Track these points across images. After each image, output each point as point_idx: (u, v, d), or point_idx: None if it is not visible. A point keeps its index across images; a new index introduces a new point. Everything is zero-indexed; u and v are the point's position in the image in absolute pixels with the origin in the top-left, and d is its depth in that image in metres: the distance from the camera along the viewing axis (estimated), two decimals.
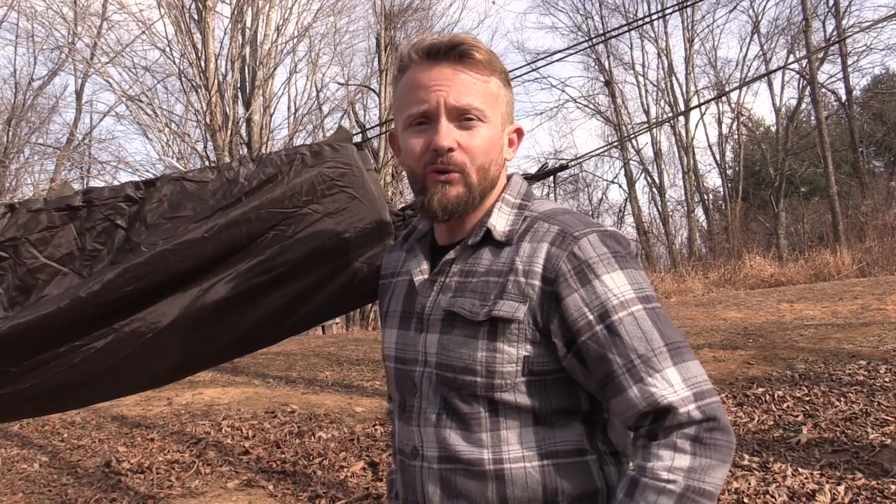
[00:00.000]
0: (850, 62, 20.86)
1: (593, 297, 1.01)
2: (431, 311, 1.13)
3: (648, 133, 24.94)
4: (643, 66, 25.73)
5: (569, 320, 1.02)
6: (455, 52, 1.08)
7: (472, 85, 1.08)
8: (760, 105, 56.40)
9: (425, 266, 1.18)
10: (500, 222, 1.12)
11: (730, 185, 25.62)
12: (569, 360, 1.04)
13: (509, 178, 1.20)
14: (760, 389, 4.70)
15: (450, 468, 1.08)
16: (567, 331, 1.03)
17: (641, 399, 0.98)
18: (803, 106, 23.73)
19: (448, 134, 1.07)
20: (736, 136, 26.03)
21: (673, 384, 0.98)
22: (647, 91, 25.51)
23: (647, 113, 25.19)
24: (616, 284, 1.02)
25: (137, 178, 1.56)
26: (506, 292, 1.06)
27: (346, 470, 4.31)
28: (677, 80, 24.88)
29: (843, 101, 21.74)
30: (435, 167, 1.09)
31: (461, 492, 1.07)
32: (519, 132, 1.19)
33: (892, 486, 3.08)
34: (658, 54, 24.79)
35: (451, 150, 1.07)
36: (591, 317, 1.01)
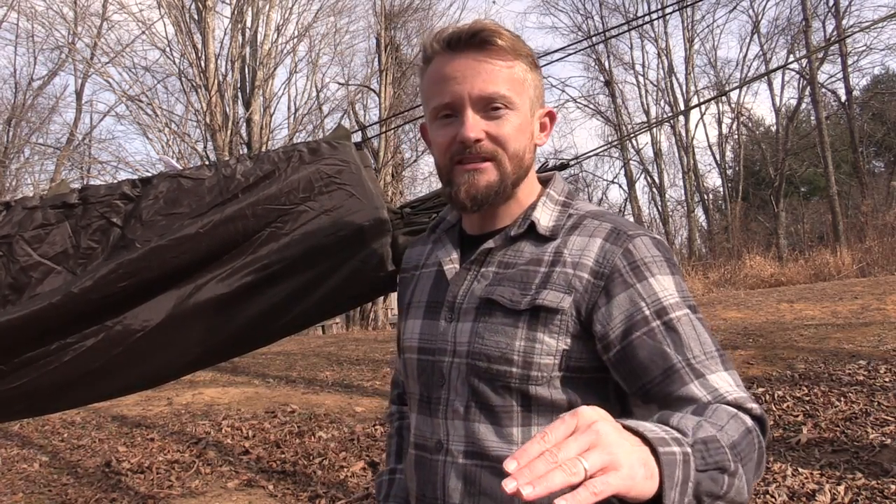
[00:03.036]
0: (850, 62, 20.87)
1: (651, 293, 1.00)
2: (464, 300, 1.11)
3: (648, 133, 24.95)
4: (643, 65, 25.86)
5: (623, 315, 1.00)
6: (476, 40, 1.05)
7: (496, 72, 1.05)
8: (760, 105, 56.38)
9: (455, 255, 1.17)
10: (545, 217, 1.11)
11: (730, 185, 25.62)
12: (615, 355, 1.01)
13: (552, 176, 1.19)
14: (760, 389, 4.69)
15: (476, 464, 1.05)
16: (618, 325, 1.00)
17: (706, 393, 0.95)
18: (803, 106, 23.75)
19: (474, 125, 1.05)
20: (736, 136, 26.04)
21: (732, 385, 0.96)
22: (647, 91, 25.54)
23: (647, 113, 25.21)
24: (670, 286, 1.02)
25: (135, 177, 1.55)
26: (550, 282, 1.04)
27: (346, 470, 4.30)
28: (677, 79, 24.90)
29: (843, 101, 21.73)
30: (461, 158, 1.07)
31: (485, 490, 1.04)
32: (551, 115, 1.16)
33: (892, 486, 3.07)
34: (658, 54, 24.80)
35: (478, 140, 1.05)
36: (646, 312, 0.99)
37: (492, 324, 1.06)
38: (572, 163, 2.74)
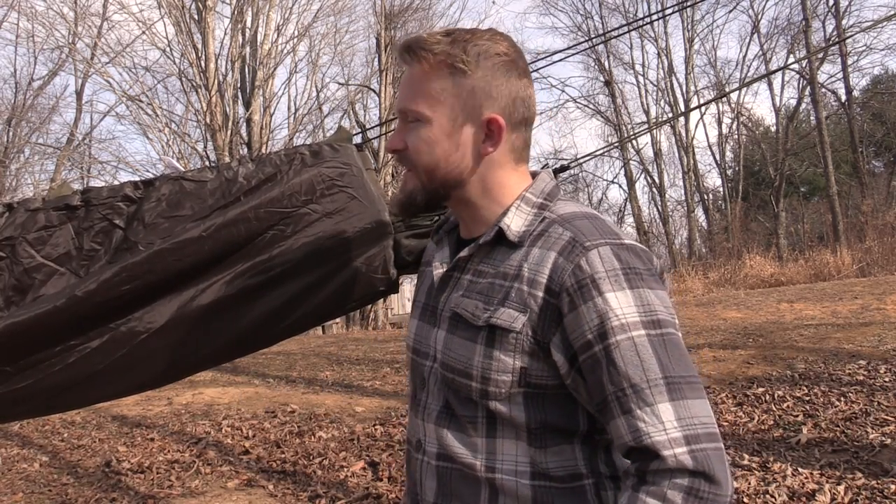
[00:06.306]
0: (850, 62, 20.89)
1: (593, 316, 0.95)
2: (443, 308, 1.12)
3: (648, 133, 24.95)
4: (643, 66, 25.80)
5: (570, 338, 0.98)
6: (402, 55, 1.09)
7: (411, 86, 1.08)
8: (760, 105, 56.49)
9: (446, 260, 1.17)
10: (516, 222, 1.07)
11: (730, 185, 25.63)
12: (572, 378, 1.00)
13: (536, 175, 1.15)
14: (760, 389, 4.69)
15: (446, 466, 1.08)
16: (569, 348, 0.98)
17: (628, 432, 0.93)
18: (803, 106, 23.77)
19: (395, 136, 1.11)
20: (736, 136, 26.06)
21: (663, 421, 0.91)
22: (647, 91, 25.57)
23: (647, 113, 25.22)
24: (619, 304, 0.95)
25: (137, 178, 1.55)
26: (508, 300, 1.02)
27: (346, 470, 4.30)
28: (677, 80, 24.92)
29: (843, 101, 21.75)
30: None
31: (454, 492, 1.07)
32: (491, 121, 1.06)
33: (892, 486, 3.07)
34: (658, 54, 24.81)
35: (395, 150, 1.10)
36: (589, 337, 0.96)
37: (458, 336, 1.07)
38: (572, 165, 2.75)
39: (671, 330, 0.97)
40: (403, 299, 19.98)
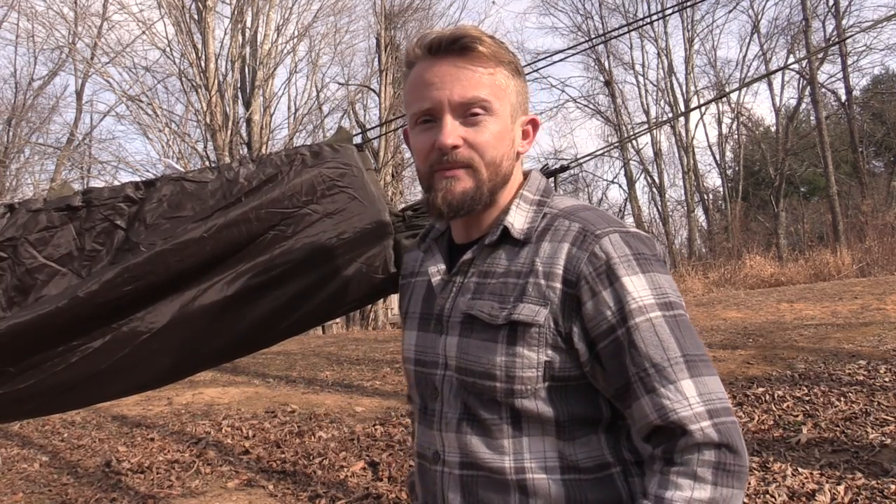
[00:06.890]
0: (850, 62, 20.89)
1: (614, 301, 0.98)
2: (450, 314, 1.11)
3: (648, 133, 24.96)
4: (643, 66, 25.81)
5: (589, 325, 0.99)
6: (457, 46, 1.05)
7: (476, 78, 1.04)
8: (760, 105, 56.46)
9: (442, 266, 1.15)
10: (519, 220, 1.08)
11: (730, 185, 25.63)
12: (590, 366, 1.01)
13: (528, 173, 1.16)
14: (760, 389, 4.69)
15: (471, 475, 1.06)
16: (587, 335, 1.00)
17: (653, 410, 0.95)
18: (803, 106, 23.78)
19: (452, 131, 1.04)
20: (736, 136, 26.07)
21: (687, 397, 0.94)
22: (647, 91, 25.58)
23: (647, 113, 25.23)
24: (635, 288, 0.98)
25: (137, 179, 1.56)
26: (526, 295, 1.02)
27: (346, 470, 4.31)
28: (677, 80, 24.92)
29: (843, 101, 21.75)
30: (441, 165, 1.06)
31: (482, 499, 1.05)
32: (534, 123, 1.14)
33: (892, 486, 3.07)
34: (658, 54, 24.82)
35: (455, 147, 1.04)
36: (610, 322, 0.98)
37: (475, 339, 1.06)
38: (572, 165, 2.75)
39: (681, 311, 1.00)
40: None
